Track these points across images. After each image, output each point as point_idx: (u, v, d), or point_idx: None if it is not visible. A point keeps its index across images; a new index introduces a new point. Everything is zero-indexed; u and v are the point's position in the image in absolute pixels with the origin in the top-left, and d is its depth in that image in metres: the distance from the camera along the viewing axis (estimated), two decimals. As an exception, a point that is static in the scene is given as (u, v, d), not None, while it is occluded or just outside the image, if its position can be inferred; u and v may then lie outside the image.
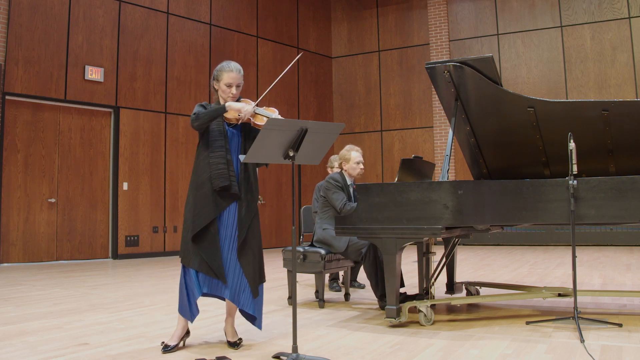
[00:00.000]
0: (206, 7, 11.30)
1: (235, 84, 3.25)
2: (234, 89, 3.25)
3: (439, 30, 12.63)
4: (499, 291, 4.69)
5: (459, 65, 3.91)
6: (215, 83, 3.30)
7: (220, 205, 3.17)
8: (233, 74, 3.24)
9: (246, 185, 3.25)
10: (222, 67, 3.28)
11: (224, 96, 3.28)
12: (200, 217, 3.14)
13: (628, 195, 3.55)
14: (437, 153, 12.34)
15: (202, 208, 3.15)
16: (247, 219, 3.22)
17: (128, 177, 9.82)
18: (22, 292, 5.68)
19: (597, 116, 3.81)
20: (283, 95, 12.67)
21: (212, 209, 3.15)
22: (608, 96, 10.89)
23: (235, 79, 3.25)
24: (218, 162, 3.15)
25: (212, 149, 3.18)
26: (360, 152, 4.86)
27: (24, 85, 8.64)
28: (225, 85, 3.24)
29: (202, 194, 3.17)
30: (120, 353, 3.16)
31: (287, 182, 12.56)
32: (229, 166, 3.16)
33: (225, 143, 3.19)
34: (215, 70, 3.31)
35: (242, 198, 3.22)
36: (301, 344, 3.23)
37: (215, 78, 3.30)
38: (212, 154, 3.16)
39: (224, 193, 3.17)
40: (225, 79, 3.24)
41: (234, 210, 3.22)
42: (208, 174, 3.16)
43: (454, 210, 3.66)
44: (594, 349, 3.06)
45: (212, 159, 3.16)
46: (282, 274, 6.90)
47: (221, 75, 3.26)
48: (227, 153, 3.18)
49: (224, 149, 3.18)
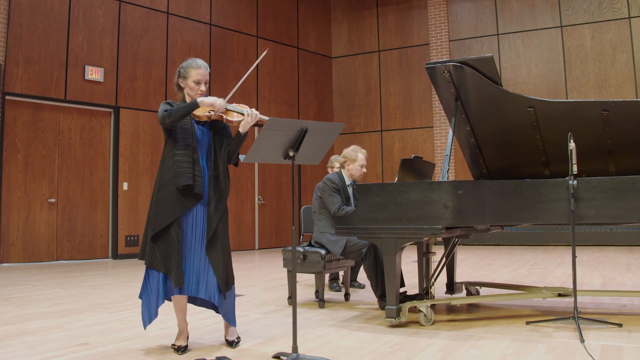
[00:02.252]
0: (206, 7, 11.30)
1: (204, 81, 3.18)
2: (202, 86, 3.17)
3: (439, 30, 12.62)
4: (499, 291, 4.69)
5: (459, 65, 3.91)
6: (182, 80, 3.21)
7: (185, 205, 3.07)
8: (201, 70, 3.17)
9: (215, 184, 3.15)
10: (189, 64, 3.20)
11: (191, 94, 3.19)
12: (163, 217, 3.05)
13: (628, 195, 3.55)
14: (437, 153, 12.34)
15: (165, 207, 3.07)
16: (216, 217, 3.13)
17: (128, 177, 9.82)
18: (22, 292, 5.68)
19: (597, 116, 3.81)
20: (283, 95, 12.67)
21: (176, 208, 3.06)
22: (608, 96, 10.89)
23: (203, 76, 3.17)
24: (183, 161, 3.06)
25: (177, 147, 3.09)
26: (365, 155, 4.85)
27: (24, 85, 8.64)
28: (194, 82, 3.16)
29: (166, 193, 3.08)
30: (120, 353, 3.16)
31: (287, 182, 12.56)
32: (194, 165, 3.07)
33: (192, 141, 3.10)
34: (181, 67, 3.23)
35: (210, 196, 3.14)
36: (301, 344, 3.23)
37: (181, 75, 3.21)
38: (178, 152, 3.08)
39: (188, 192, 3.08)
40: (194, 76, 3.16)
41: (203, 210, 3.14)
42: (173, 173, 3.08)
43: (454, 210, 3.66)
44: (594, 349, 3.06)
45: (177, 157, 3.08)
46: (282, 274, 6.90)
47: (189, 72, 3.17)
48: (194, 152, 3.10)
49: (191, 147, 3.09)
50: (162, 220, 3.05)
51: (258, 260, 9.36)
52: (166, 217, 3.05)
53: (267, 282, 6.33)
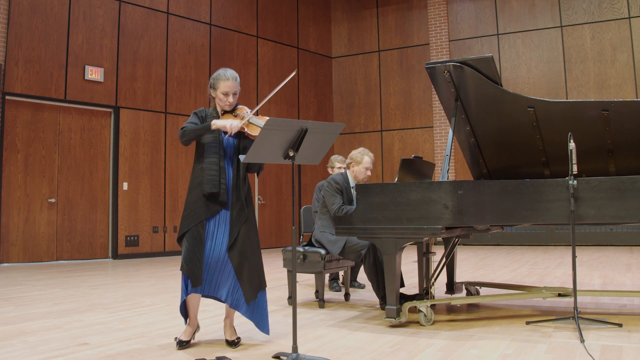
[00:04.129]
0: (206, 7, 11.30)
1: (232, 92, 3.27)
2: (230, 98, 3.27)
3: (439, 30, 12.62)
4: (499, 291, 4.69)
5: (459, 65, 3.91)
6: (212, 91, 3.32)
7: (210, 210, 3.19)
8: (230, 82, 3.26)
9: (237, 191, 3.25)
10: (219, 75, 3.29)
11: (220, 104, 3.31)
12: (188, 219, 3.19)
13: (628, 195, 3.55)
14: (437, 153, 12.34)
15: (191, 211, 3.20)
16: (239, 223, 3.22)
17: (128, 177, 9.82)
18: (22, 292, 5.68)
19: (597, 116, 3.81)
20: (283, 95, 12.67)
21: (201, 212, 3.18)
22: (608, 96, 10.89)
23: (231, 87, 3.26)
24: (210, 168, 3.19)
25: (206, 155, 3.22)
26: (372, 159, 4.78)
27: (24, 85, 8.64)
28: (222, 93, 3.27)
29: (193, 197, 3.22)
30: (120, 353, 3.16)
31: (287, 182, 12.56)
32: (220, 173, 3.19)
33: (219, 150, 3.21)
34: (212, 77, 3.33)
35: (233, 202, 3.23)
36: (301, 344, 3.23)
37: (212, 86, 3.32)
38: (206, 160, 3.21)
39: (214, 199, 3.19)
40: (222, 88, 3.26)
41: (226, 215, 3.23)
42: (200, 179, 3.20)
43: (454, 210, 3.66)
44: (594, 349, 3.06)
45: (205, 164, 3.20)
46: (282, 274, 6.90)
47: (218, 84, 3.27)
48: (221, 160, 3.21)
49: (218, 155, 3.21)
50: (187, 224, 3.19)
51: (258, 260, 9.34)
52: (191, 221, 3.19)
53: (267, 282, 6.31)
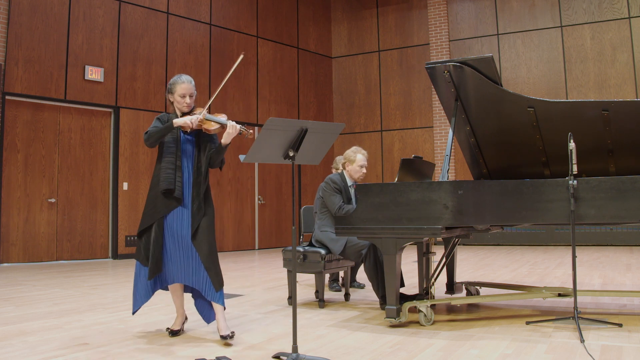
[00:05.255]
0: (206, 7, 11.30)
1: (188, 94, 3.49)
2: (187, 99, 3.49)
3: (439, 30, 12.62)
4: (499, 291, 4.69)
5: (459, 65, 3.91)
6: (170, 96, 3.54)
7: (167, 207, 3.39)
8: (185, 84, 3.49)
9: (197, 188, 3.43)
10: (175, 80, 3.52)
11: (179, 106, 3.52)
12: (146, 217, 3.42)
13: (628, 195, 3.55)
14: (437, 153, 12.34)
15: (150, 208, 3.42)
16: (199, 215, 3.39)
17: (128, 177, 9.82)
18: (22, 292, 5.68)
19: (597, 116, 3.81)
20: (283, 95, 12.68)
21: (159, 209, 3.39)
22: (608, 96, 10.89)
23: (187, 89, 3.49)
24: (167, 167, 3.40)
25: (165, 154, 3.43)
26: (365, 155, 4.80)
27: (24, 85, 8.64)
28: (180, 96, 3.48)
29: (152, 196, 3.44)
30: (120, 353, 3.16)
31: (287, 182, 12.56)
32: (176, 171, 3.40)
33: (176, 150, 3.42)
34: (169, 83, 3.57)
35: (193, 198, 3.41)
36: (301, 344, 3.24)
37: (169, 91, 3.54)
38: (164, 159, 3.42)
39: (170, 196, 3.39)
40: (179, 90, 3.48)
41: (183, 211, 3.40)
42: (158, 178, 3.42)
43: (454, 210, 3.66)
44: (594, 349, 3.06)
45: (163, 164, 3.42)
46: (282, 274, 6.90)
47: (175, 88, 3.50)
48: (177, 159, 3.42)
49: (175, 155, 3.42)
50: (146, 220, 3.42)
51: (258, 260, 9.36)
52: (150, 218, 3.41)
53: (267, 282, 6.33)
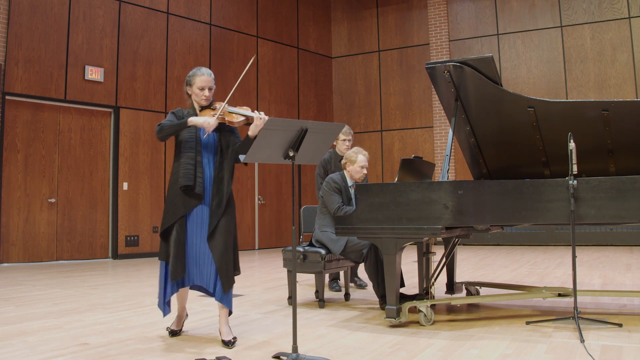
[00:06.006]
0: (206, 7, 11.30)
1: (208, 87, 3.40)
2: (206, 92, 3.40)
3: (439, 30, 12.62)
4: (499, 291, 4.69)
5: (459, 65, 3.91)
6: (189, 88, 3.46)
7: (188, 205, 3.29)
8: (205, 77, 3.40)
9: (218, 185, 3.33)
10: (194, 72, 3.44)
11: (197, 99, 3.43)
12: (168, 216, 3.32)
13: (628, 195, 3.55)
14: (437, 153, 12.34)
15: (171, 207, 3.32)
16: (218, 214, 3.30)
17: (128, 177, 9.82)
18: (22, 292, 5.68)
19: (597, 116, 3.81)
20: (283, 95, 12.67)
21: (179, 208, 3.29)
22: (608, 96, 10.89)
23: (207, 82, 3.40)
24: (187, 163, 3.29)
25: (184, 151, 3.33)
26: (366, 156, 4.78)
27: (24, 85, 8.64)
28: (198, 88, 3.39)
29: (172, 193, 3.33)
30: (120, 353, 3.16)
31: (287, 182, 12.56)
32: (196, 167, 3.29)
33: (196, 144, 3.32)
34: (188, 76, 3.48)
35: (213, 195, 3.31)
36: (301, 344, 3.23)
37: (187, 83, 3.46)
38: (183, 155, 3.31)
39: (191, 193, 3.29)
40: (198, 83, 3.39)
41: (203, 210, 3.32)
42: (177, 174, 3.31)
43: (454, 210, 3.66)
44: (594, 349, 3.06)
45: (182, 159, 3.30)
46: (282, 274, 6.90)
47: (193, 80, 3.41)
48: (198, 154, 3.32)
49: (194, 150, 3.31)
50: (168, 220, 3.31)
51: (258, 260, 9.36)
52: (171, 217, 3.30)
53: (267, 282, 6.33)
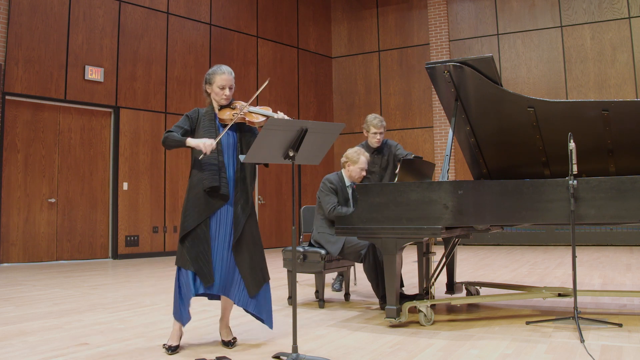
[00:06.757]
0: (206, 7, 11.30)
1: (228, 86, 3.30)
2: (227, 91, 3.30)
3: (439, 30, 12.62)
4: (499, 291, 4.69)
5: (459, 65, 3.91)
6: (208, 87, 3.35)
7: (212, 207, 3.18)
8: (225, 75, 3.29)
9: (242, 185, 3.26)
10: (214, 70, 3.33)
11: (217, 98, 3.33)
12: (190, 218, 3.17)
13: (628, 195, 3.55)
14: (437, 153, 12.33)
15: (192, 209, 3.18)
16: (243, 218, 3.23)
17: (128, 177, 9.82)
18: (22, 292, 5.68)
19: (597, 116, 3.81)
20: (283, 95, 12.67)
21: (202, 210, 3.17)
22: (608, 96, 10.89)
23: (227, 81, 3.30)
24: (210, 163, 3.18)
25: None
26: (368, 158, 4.78)
27: (24, 85, 8.64)
28: (219, 87, 3.29)
29: (194, 195, 3.20)
30: (120, 353, 3.16)
31: (287, 182, 12.56)
32: (220, 167, 3.19)
33: (217, 144, 3.19)
34: (207, 74, 3.36)
35: (237, 197, 3.24)
36: (301, 344, 3.23)
37: (207, 82, 3.35)
38: (204, 157, 3.17)
39: (215, 194, 3.18)
40: (218, 82, 3.29)
41: (228, 211, 3.23)
42: (200, 175, 3.19)
43: (454, 210, 3.66)
44: (594, 349, 3.06)
45: (204, 160, 3.18)
46: (282, 274, 6.90)
47: (214, 78, 3.30)
48: (220, 154, 3.21)
49: (216, 150, 3.18)
50: (190, 222, 3.16)
51: (258, 260, 9.34)
52: (194, 219, 3.16)
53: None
